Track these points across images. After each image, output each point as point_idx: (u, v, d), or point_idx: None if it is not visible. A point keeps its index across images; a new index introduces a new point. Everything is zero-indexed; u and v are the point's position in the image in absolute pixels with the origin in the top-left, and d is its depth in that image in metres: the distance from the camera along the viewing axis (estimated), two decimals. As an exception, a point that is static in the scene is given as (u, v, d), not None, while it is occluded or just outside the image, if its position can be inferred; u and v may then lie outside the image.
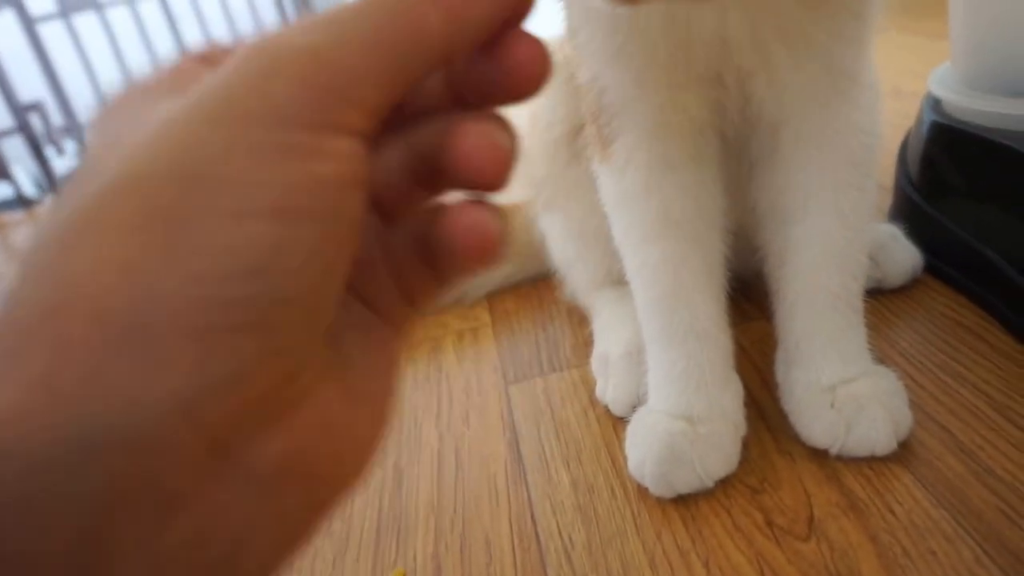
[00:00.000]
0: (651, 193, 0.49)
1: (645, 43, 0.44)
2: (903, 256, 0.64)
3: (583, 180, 0.58)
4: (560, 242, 0.69)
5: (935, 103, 0.68)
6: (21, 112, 1.82)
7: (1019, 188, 0.57)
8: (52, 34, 1.98)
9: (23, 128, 1.84)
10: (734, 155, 0.51)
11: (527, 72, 0.24)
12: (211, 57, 0.25)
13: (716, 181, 0.50)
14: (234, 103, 0.21)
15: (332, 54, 0.21)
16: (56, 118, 1.94)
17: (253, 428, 0.20)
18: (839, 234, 0.48)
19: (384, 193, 0.25)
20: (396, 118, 0.23)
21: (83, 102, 2.04)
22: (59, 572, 0.18)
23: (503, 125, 0.24)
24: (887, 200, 0.73)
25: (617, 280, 0.61)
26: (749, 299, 0.64)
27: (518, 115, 0.27)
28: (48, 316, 0.19)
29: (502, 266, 0.78)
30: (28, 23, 1.90)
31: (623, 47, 0.44)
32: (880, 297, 0.61)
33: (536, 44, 0.24)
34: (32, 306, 0.19)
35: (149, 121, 0.21)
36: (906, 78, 1.01)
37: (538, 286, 0.78)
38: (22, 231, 1.68)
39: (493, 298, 0.79)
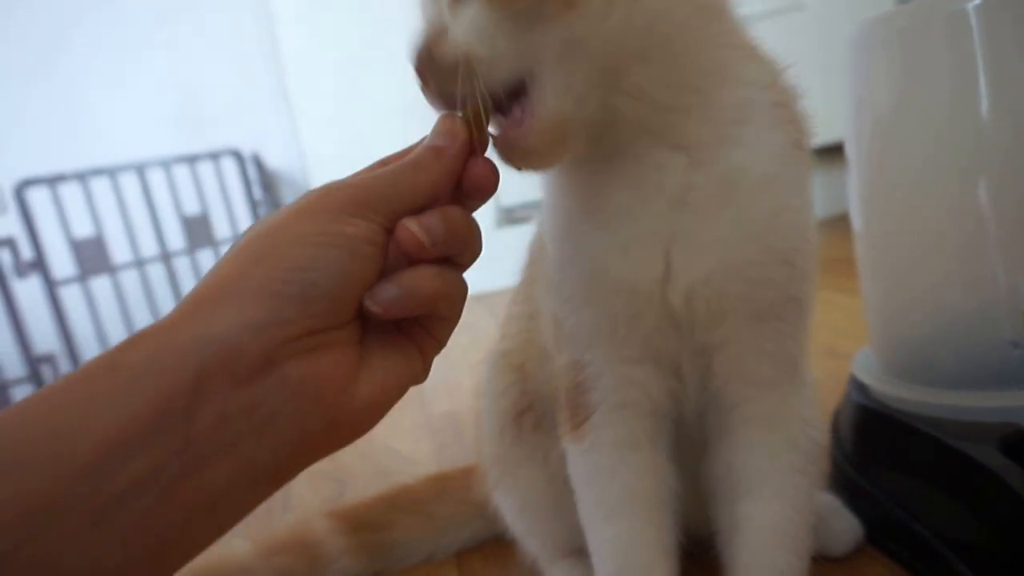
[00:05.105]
0: (613, 473, 0.54)
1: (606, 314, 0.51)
2: (843, 527, 0.69)
3: (530, 456, 0.64)
4: (512, 518, 0.72)
5: (860, 386, 0.75)
6: (34, 363, 1.93)
7: (943, 473, 0.63)
8: (70, 295, 2.15)
9: (34, 378, 1.95)
10: (687, 440, 0.56)
11: (483, 183, 0.45)
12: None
13: (671, 464, 0.55)
14: (318, 202, 0.41)
15: (362, 189, 0.42)
16: (65, 369, 2.04)
17: (290, 354, 0.38)
18: (784, 515, 0.53)
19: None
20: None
21: (91, 354, 2.15)
22: (178, 404, 0.35)
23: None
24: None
25: (579, 550, 0.64)
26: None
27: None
28: (206, 279, 0.40)
29: (471, 523, 0.82)
30: (51, 285, 2.06)
31: (593, 323, 0.52)
32: (825, 565, 0.63)
33: (485, 165, 0.45)
34: (208, 276, 0.40)
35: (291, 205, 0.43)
36: (840, 338, 1.09)
37: (505, 546, 0.79)
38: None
39: (461, 557, 0.82)
